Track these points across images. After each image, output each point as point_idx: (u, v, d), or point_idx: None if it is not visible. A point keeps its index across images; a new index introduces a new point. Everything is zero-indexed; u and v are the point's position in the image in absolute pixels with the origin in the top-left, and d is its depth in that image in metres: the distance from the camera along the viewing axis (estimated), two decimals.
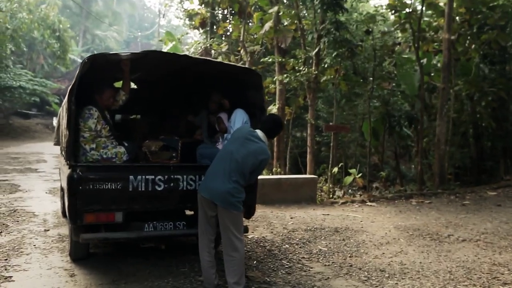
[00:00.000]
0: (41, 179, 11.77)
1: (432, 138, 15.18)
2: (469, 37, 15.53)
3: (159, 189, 4.56)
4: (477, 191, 11.68)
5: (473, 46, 15.54)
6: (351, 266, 5.54)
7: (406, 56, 16.05)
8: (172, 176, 4.62)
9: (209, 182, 4.18)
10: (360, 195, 12.53)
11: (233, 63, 5.64)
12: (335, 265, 5.57)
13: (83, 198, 4.28)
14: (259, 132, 4.38)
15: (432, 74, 16.05)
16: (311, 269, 5.35)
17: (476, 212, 9.20)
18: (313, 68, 11.98)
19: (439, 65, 17.40)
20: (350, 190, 13.21)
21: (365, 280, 5.06)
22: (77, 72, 4.18)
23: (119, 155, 4.87)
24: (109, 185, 4.33)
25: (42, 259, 5.21)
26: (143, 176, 4.48)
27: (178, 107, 6.66)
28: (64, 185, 4.69)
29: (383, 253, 6.13)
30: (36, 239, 6.02)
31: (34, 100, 30.28)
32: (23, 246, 5.65)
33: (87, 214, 4.30)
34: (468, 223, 8.07)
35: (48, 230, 6.50)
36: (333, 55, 11.29)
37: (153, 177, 4.53)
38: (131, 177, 4.43)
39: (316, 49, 11.96)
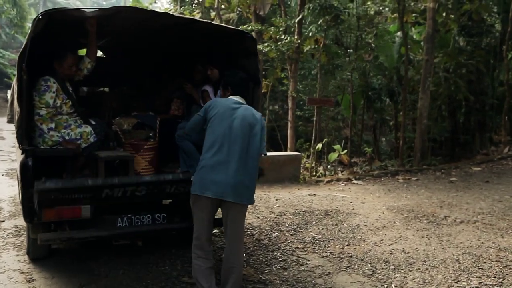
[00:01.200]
0: None
1: (408, 112, 14.83)
2: (449, 7, 15.04)
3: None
4: (461, 167, 11.36)
5: (451, 16, 15.08)
6: (351, 256, 4.99)
7: (384, 27, 15.51)
8: None
9: (216, 175, 3.28)
10: (341, 171, 12.07)
11: (223, 24, 4.78)
12: (334, 256, 5.00)
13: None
14: (235, 98, 3.61)
15: (409, 47, 15.56)
16: (308, 262, 4.77)
17: (466, 189, 8.84)
18: (296, 37, 11.21)
19: (414, 36, 17.02)
20: (329, 167, 12.72)
21: (370, 274, 4.52)
22: (29, 32, 3.30)
23: (84, 135, 4.03)
24: None
25: None
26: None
27: (154, 77, 5.79)
28: (18, 173, 3.86)
29: (382, 240, 5.62)
30: None
31: None
32: None
33: (46, 210, 3.49)
34: (462, 203, 7.67)
35: (3, 221, 5.65)
36: (319, 22, 10.53)
37: None
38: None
39: (299, 17, 11.16)
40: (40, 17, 3.26)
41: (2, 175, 8.71)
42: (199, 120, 3.56)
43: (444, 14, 15.04)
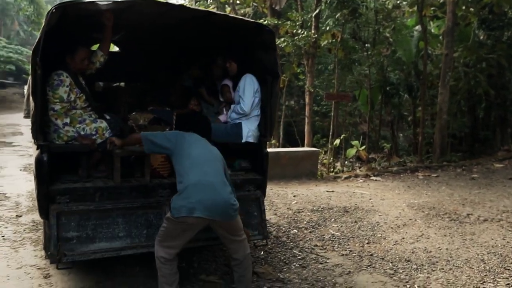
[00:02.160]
0: (16, 154, 10.78)
1: (427, 107, 14.54)
2: (469, 0, 14.67)
3: None
4: (483, 163, 11.11)
5: (471, 9, 14.72)
6: (371, 255, 4.85)
7: (402, 21, 15.23)
8: None
9: (203, 195, 3.17)
10: (359, 167, 11.88)
11: (241, 17, 4.64)
12: (354, 254, 4.88)
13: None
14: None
15: (428, 41, 15.22)
16: (328, 261, 4.65)
17: (488, 187, 8.61)
18: (312, 32, 11.04)
19: (433, 30, 16.67)
20: (346, 162, 12.53)
21: (392, 274, 4.39)
22: (43, 26, 3.24)
23: (100, 131, 3.96)
24: None
25: (11, 254, 4.39)
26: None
27: (170, 72, 5.71)
28: (33, 168, 3.82)
29: (403, 238, 5.47)
30: (6, 227, 5.17)
31: (9, 68, 28.75)
32: None
33: None
34: (485, 200, 7.46)
35: (20, 216, 5.64)
36: (336, 16, 10.34)
37: None
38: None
39: (317, 11, 10.97)
40: (54, 10, 3.20)
41: (20, 170, 8.75)
42: (166, 144, 3.47)
43: (464, 7, 14.69)
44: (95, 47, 4.54)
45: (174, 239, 3.28)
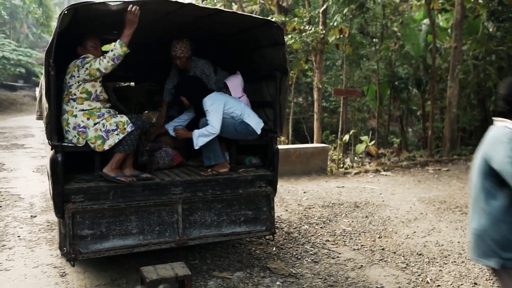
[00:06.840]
0: (28, 155, 10.91)
1: (436, 101, 14.43)
2: None
3: None
4: None
5: (480, 1, 14.58)
6: (383, 249, 4.87)
7: (409, 15, 15.17)
8: None
9: None
10: (369, 163, 11.85)
11: (249, 14, 4.63)
12: (365, 248, 4.90)
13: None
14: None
15: (436, 34, 15.12)
16: (339, 255, 4.67)
17: None
18: (320, 28, 11.02)
19: (441, 24, 16.55)
20: (356, 158, 12.50)
21: (404, 267, 4.41)
22: (55, 28, 3.29)
23: (121, 125, 3.76)
24: None
25: (27, 254, 4.46)
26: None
27: None
28: (48, 168, 3.88)
29: (415, 232, 5.48)
30: (21, 228, 5.25)
31: (19, 71, 28.89)
32: (5, 237, 4.88)
33: None
34: None
35: (35, 217, 5.72)
36: (344, 12, 10.32)
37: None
38: None
39: (324, 6, 10.95)
40: (66, 12, 3.24)
41: (33, 171, 8.86)
42: None
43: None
44: (106, 47, 4.53)
45: None
